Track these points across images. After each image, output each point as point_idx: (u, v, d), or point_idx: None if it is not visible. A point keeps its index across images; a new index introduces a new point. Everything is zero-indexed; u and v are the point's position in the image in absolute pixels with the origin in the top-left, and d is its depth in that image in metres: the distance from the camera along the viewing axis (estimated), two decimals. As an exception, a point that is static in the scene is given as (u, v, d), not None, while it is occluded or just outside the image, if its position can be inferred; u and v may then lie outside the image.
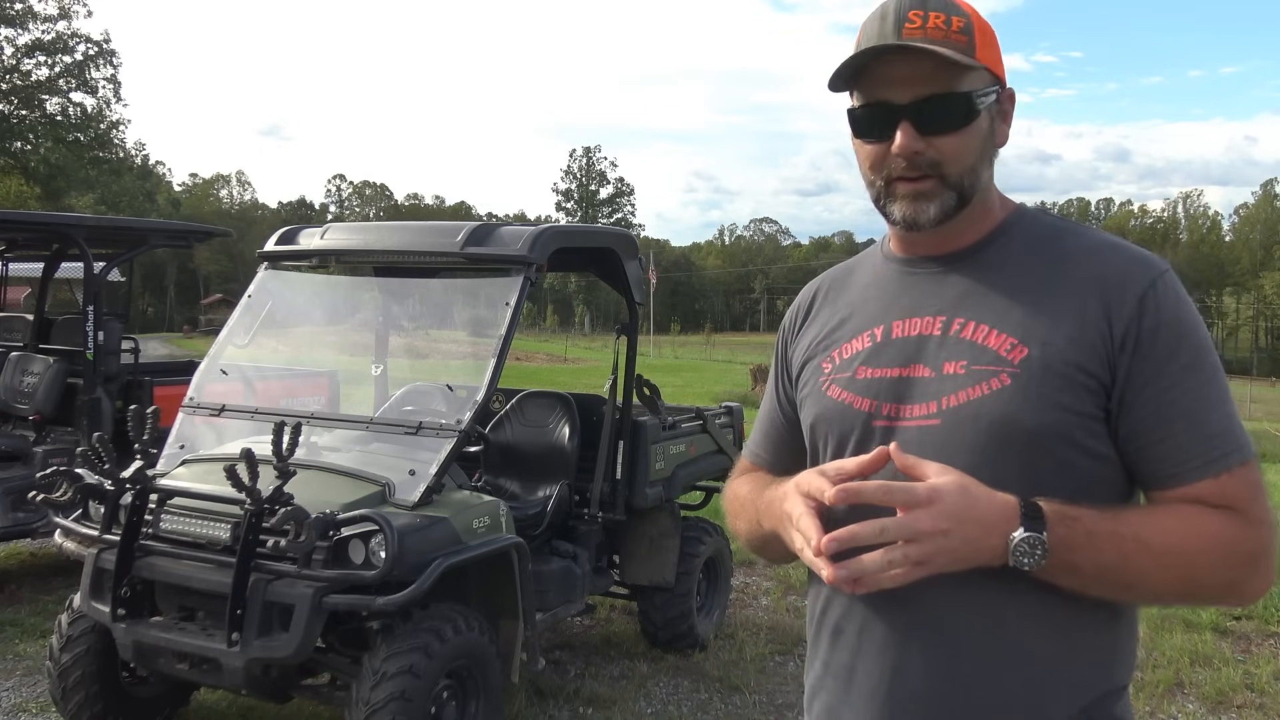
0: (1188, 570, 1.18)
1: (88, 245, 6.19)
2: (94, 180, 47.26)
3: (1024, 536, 1.14)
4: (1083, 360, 1.21)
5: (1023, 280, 1.29)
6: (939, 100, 1.25)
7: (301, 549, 3.26)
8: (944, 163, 1.27)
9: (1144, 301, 1.22)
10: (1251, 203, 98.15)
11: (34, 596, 5.77)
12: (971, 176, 1.29)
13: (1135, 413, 1.21)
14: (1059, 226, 1.35)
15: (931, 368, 1.29)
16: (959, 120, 1.26)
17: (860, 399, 1.34)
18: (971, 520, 1.14)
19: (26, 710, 4.29)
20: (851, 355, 1.38)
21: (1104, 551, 1.16)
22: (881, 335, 1.36)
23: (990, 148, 1.32)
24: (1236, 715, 4.50)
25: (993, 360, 1.25)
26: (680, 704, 4.50)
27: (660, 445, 4.92)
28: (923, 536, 1.12)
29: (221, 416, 4.22)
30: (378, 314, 5.17)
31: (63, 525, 3.79)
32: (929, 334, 1.31)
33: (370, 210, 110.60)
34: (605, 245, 4.77)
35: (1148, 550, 1.17)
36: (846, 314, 1.43)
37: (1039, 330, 1.24)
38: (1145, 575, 1.18)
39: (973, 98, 1.27)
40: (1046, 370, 1.22)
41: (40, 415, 6.20)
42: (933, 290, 1.34)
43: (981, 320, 1.28)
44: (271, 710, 4.21)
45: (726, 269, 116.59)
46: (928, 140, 1.26)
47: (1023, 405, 1.21)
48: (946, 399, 1.26)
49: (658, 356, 41.86)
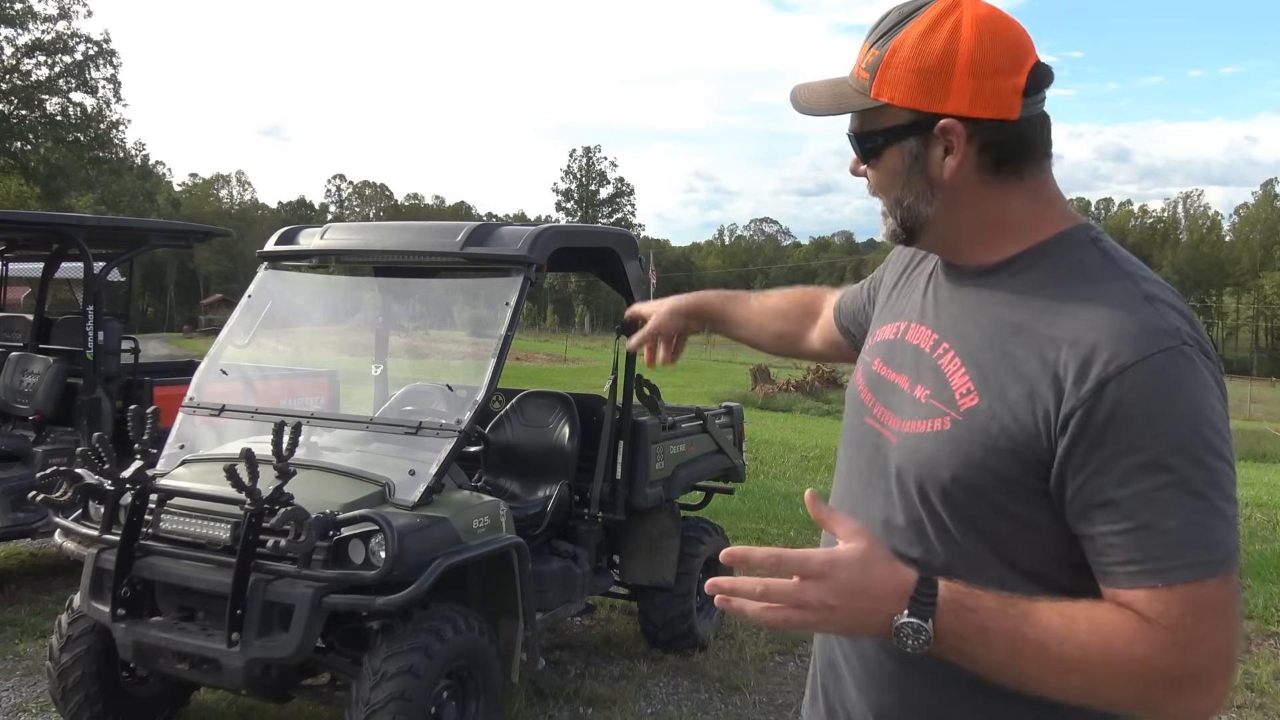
0: (1087, 682, 1.10)
1: (88, 245, 6.19)
2: (94, 180, 47.29)
3: (906, 621, 1.11)
4: (1020, 430, 1.15)
5: (1016, 317, 1.21)
6: (851, 136, 1.31)
7: (301, 549, 3.26)
8: (875, 190, 1.32)
9: (1104, 389, 1.09)
10: (1251, 203, 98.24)
11: (34, 596, 5.77)
12: (901, 209, 1.28)
13: (1075, 501, 1.13)
14: (1091, 265, 1.22)
15: (910, 382, 1.30)
16: (865, 155, 1.30)
17: (867, 391, 1.38)
18: (862, 595, 1.11)
19: (26, 710, 4.29)
20: (879, 341, 1.42)
21: (995, 648, 1.11)
22: (902, 332, 1.37)
23: (922, 183, 1.25)
24: (1237, 715, 4.51)
25: (946, 400, 1.23)
26: (680, 704, 4.50)
27: (660, 445, 4.92)
28: (807, 607, 1.11)
29: (221, 416, 4.22)
30: (378, 314, 5.18)
31: (63, 525, 3.79)
32: (923, 348, 1.31)
33: (370, 210, 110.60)
34: (605, 245, 4.78)
35: (1045, 656, 1.10)
36: (897, 295, 1.46)
37: (997, 382, 1.18)
38: (1040, 679, 1.12)
39: (869, 137, 1.27)
40: (985, 427, 1.17)
41: (40, 415, 6.20)
42: (945, 302, 1.33)
43: (959, 352, 1.25)
44: (271, 710, 4.21)
45: (726, 269, 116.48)
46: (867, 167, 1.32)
47: (949, 455, 1.19)
48: (905, 422, 1.28)
49: (658, 356, 41.72)
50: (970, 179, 1.23)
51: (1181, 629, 1.07)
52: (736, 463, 5.59)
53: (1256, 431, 18.20)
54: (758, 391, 21.41)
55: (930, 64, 1.20)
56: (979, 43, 1.18)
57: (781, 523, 8.05)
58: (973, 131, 1.21)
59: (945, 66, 1.19)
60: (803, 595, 1.10)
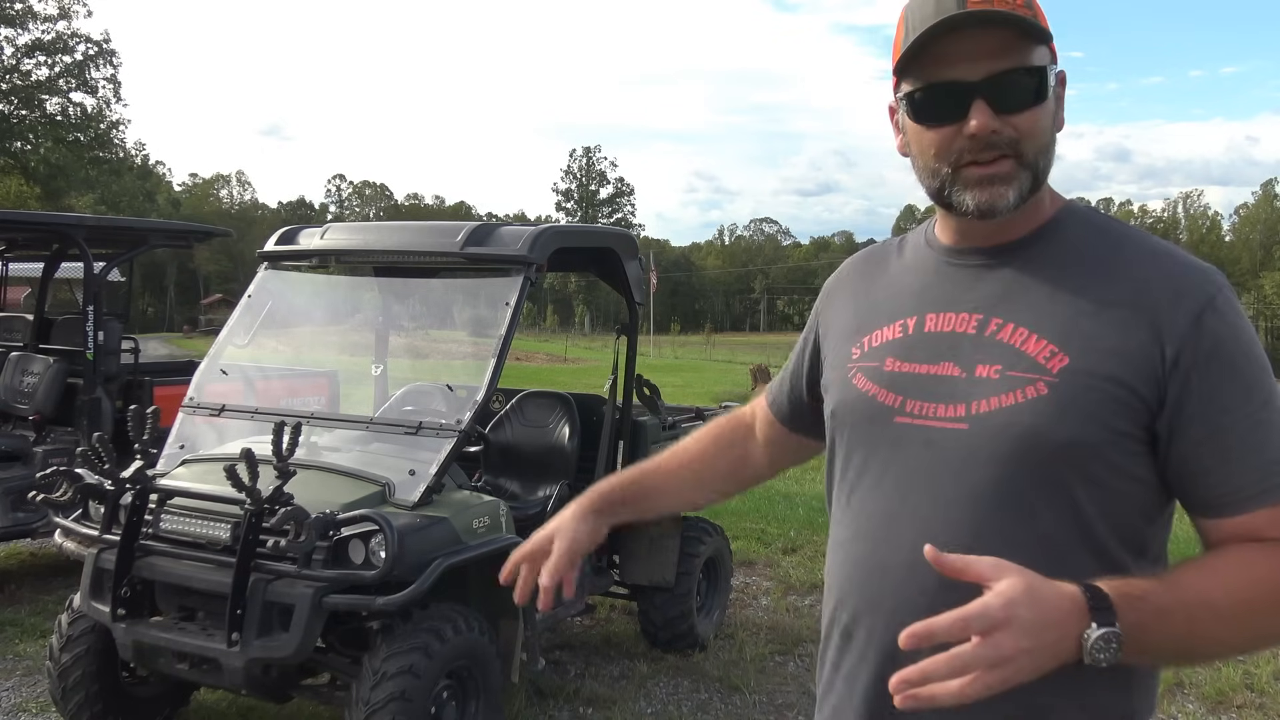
0: (1258, 625, 1.11)
1: (88, 245, 6.19)
2: (94, 180, 47.26)
3: (1100, 634, 1.03)
4: (1127, 375, 1.14)
5: (1069, 281, 1.20)
6: (1016, 75, 1.17)
7: (301, 549, 3.26)
8: (1022, 141, 1.19)
9: (1201, 321, 1.13)
10: (1251, 203, 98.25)
11: (34, 596, 5.77)
12: (1046, 158, 1.22)
13: (1187, 438, 1.13)
14: (1110, 227, 1.27)
15: (963, 368, 1.22)
16: (1034, 95, 1.19)
17: (886, 393, 1.28)
18: (1049, 628, 1.02)
19: (26, 710, 4.29)
20: (881, 344, 1.32)
21: (1174, 625, 1.08)
22: (914, 327, 1.29)
23: (1056, 128, 1.24)
24: (1236, 715, 4.50)
25: (1029, 367, 1.17)
26: (680, 704, 4.50)
27: (660, 445, 4.91)
28: (1006, 661, 0.99)
29: (221, 416, 4.22)
30: (378, 314, 5.17)
31: (63, 525, 3.79)
32: (963, 331, 1.24)
33: (370, 210, 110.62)
34: (605, 245, 4.77)
35: (1216, 615, 1.09)
36: (881, 298, 1.37)
37: (1079, 337, 1.16)
38: (1213, 639, 1.11)
39: (1044, 72, 1.20)
40: (1085, 382, 1.14)
41: (40, 415, 6.20)
42: (972, 284, 1.27)
43: (1021, 322, 1.20)
44: (271, 710, 4.21)
45: (726, 269, 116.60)
46: (1004, 119, 1.18)
47: (1058, 418, 1.14)
48: (977, 404, 1.19)
49: (658, 356, 41.85)
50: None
51: None
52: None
53: (1256, 431, 18.08)
54: (758, 391, 21.41)
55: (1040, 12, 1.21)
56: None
57: (781, 522, 8.06)
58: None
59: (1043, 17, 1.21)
60: (999, 651, 0.99)
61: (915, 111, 1.24)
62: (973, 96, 1.17)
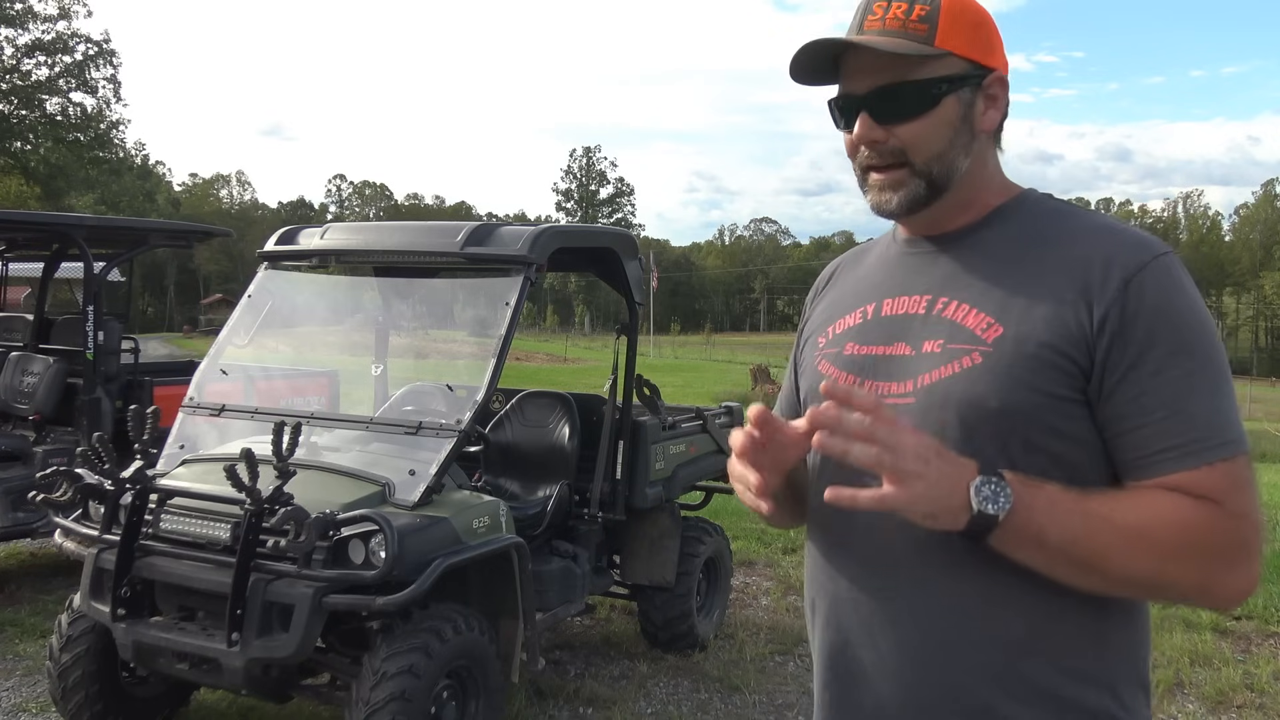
0: (1154, 554, 1.14)
1: (88, 245, 6.19)
2: (94, 180, 47.29)
3: (985, 479, 1.13)
4: (1057, 341, 1.19)
5: (1011, 261, 1.28)
6: (892, 90, 1.27)
7: (301, 549, 3.26)
8: (907, 150, 1.28)
9: (1129, 286, 1.19)
10: (1252, 203, 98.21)
11: (34, 596, 5.77)
12: (941, 164, 1.29)
13: (1116, 399, 1.18)
14: (1059, 210, 1.34)
15: (912, 346, 1.30)
16: (914, 108, 1.27)
17: (845, 375, 1.35)
18: (942, 458, 1.12)
19: (26, 710, 4.29)
20: (843, 331, 1.40)
21: (1067, 520, 1.14)
22: (872, 312, 1.38)
23: (967, 134, 1.30)
24: (1236, 715, 4.50)
25: (967, 339, 1.24)
26: (680, 704, 4.50)
27: (660, 445, 4.92)
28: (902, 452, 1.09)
29: (221, 416, 4.22)
30: (378, 314, 5.18)
31: (63, 525, 3.78)
32: (914, 313, 1.32)
33: (370, 210, 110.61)
34: (605, 245, 4.77)
35: (1112, 527, 1.14)
36: (849, 291, 1.46)
37: (1016, 309, 1.23)
38: (1109, 554, 1.14)
39: (930, 85, 1.26)
40: (1019, 350, 1.20)
41: (40, 415, 6.20)
42: (923, 269, 1.35)
43: (964, 300, 1.28)
44: (271, 710, 4.21)
45: (726, 269, 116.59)
46: (888, 129, 1.28)
47: (991, 384, 1.20)
48: (921, 377, 1.27)
49: (658, 356, 41.86)
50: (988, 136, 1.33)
51: (1230, 501, 1.15)
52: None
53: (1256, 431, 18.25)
54: (758, 391, 21.42)
55: (981, 20, 1.31)
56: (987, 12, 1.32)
57: (781, 523, 8.05)
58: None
59: (989, 25, 1.31)
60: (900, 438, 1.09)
61: (833, 118, 1.36)
62: (858, 108, 1.29)
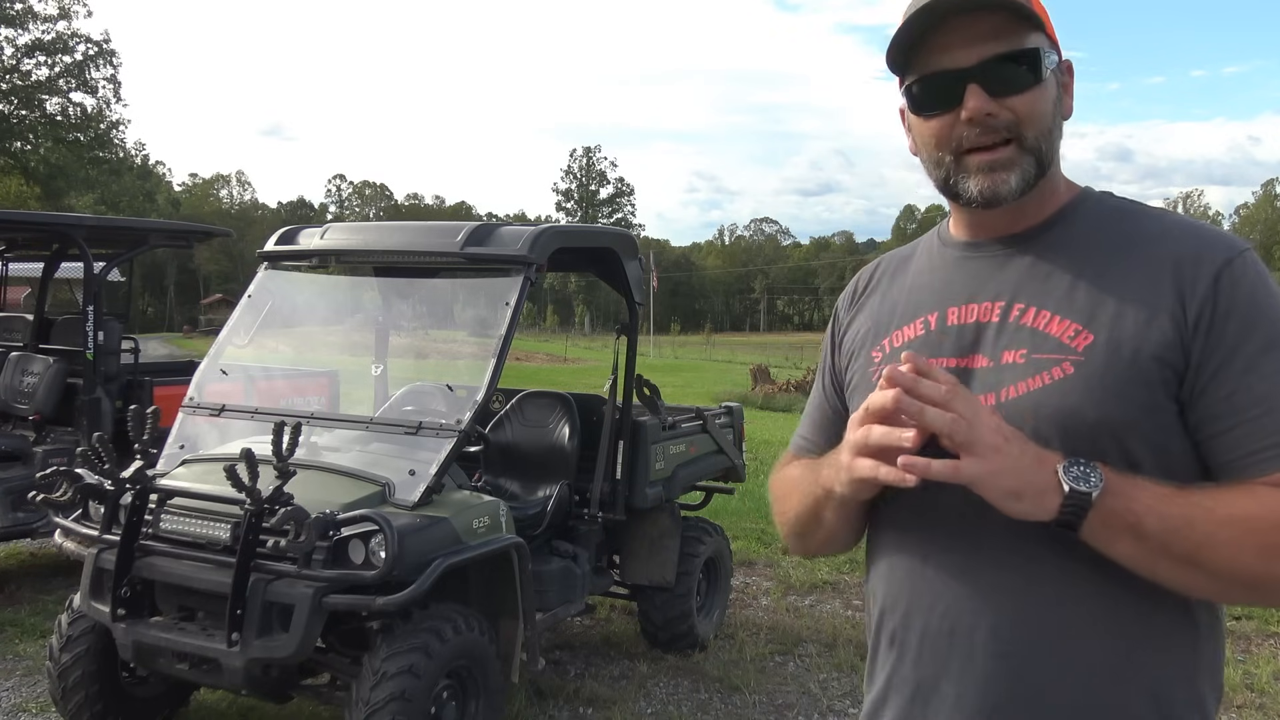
0: (1262, 549, 1.07)
1: (88, 245, 6.19)
2: (94, 180, 47.27)
3: (1072, 460, 1.09)
4: (1154, 347, 1.13)
5: (1088, 262, 1.21)
6: (1008, 58, 1.18)
7: (301, 549, 3.25)
8: (1021, 124, 1.19)
9: (1219, 281, 1.13)
10: (1252, 203, 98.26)
11: (34, 596, 5.77)
12: (1048, 141, 1.22)
13: (1209, 398, 1.13)
14: (1128, 208, 1.27)
15: (990, 357, 1.22)
16: (1028, 78, 1.19)
17: None
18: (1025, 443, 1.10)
19: (26, 710, 4.29)
20: (902, 344, 1.31)
21: (1166, 507, 1.08)
22: (936, 323, 1.29)
23: (1059, 117, 1.24)
24: (1236, 715, 4.50)
25: (1054, 348, 1.17)
26: (680, 704, 4.50)
27: (660, 445, 4.92)
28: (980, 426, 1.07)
29: (221, 416, 4.22)
30: (378, 314, 5.17)
31: (63, 525, 3.78)
32: (987, 321, 1.24)
33: (370, 210, 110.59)
34: (605, 245, 4.77)
35: (1215, 518, 1.07)
36: (900, 300, 1.37)
37: (1105, 315, 1.16)
38: (1213, 548, 1.07)
39: (1040, 54, 1.20)
40: (1113, 358, 1.14)
41: (40, 415, 6.20)
42: (991, 274, 1.27)
43: (1043, 305, 1.20)
44: (271, 710, 4.21)
45: (726, 269, 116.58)
46: (1000, 102, 1.18)
47: (1085, 396, 1.14)
48: (1005, 390, 1.19)
49: (658, 356, 41.86)
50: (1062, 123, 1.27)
51: None
52: (736, 463, 5.59)
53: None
54: (758, 391, 21.41)
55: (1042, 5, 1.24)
56: None
57: (782, 523, 8.04)
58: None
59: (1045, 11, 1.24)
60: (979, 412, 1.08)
61: (914, 103, 1.25)
62: (966, 81, 1.18)
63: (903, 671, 1.28)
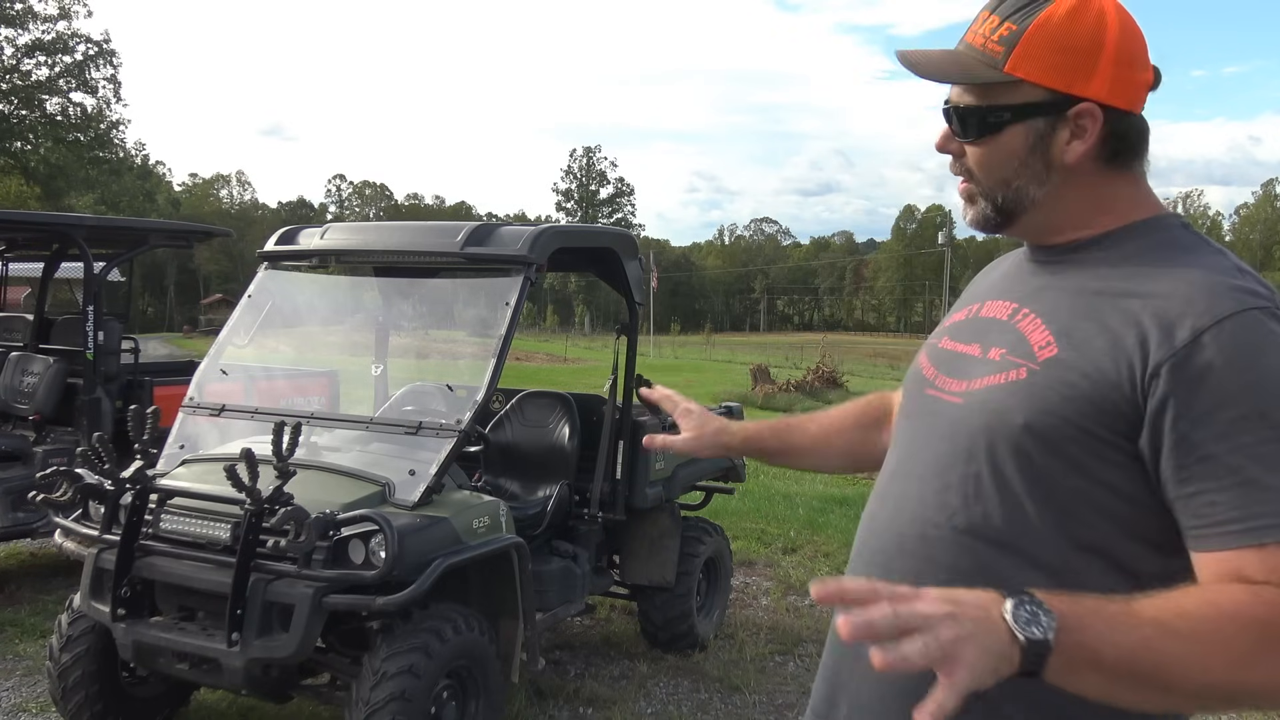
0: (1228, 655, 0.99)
1: (88, 245, 6.18)
2: (94, 180, 47.30)
3: (1015, 601, 0.96)
4: (1100, 376, 1.13)
5: (1100, 284, 1.22)
6: (959, 110, 1.27)
7: (301, 549, 3.26)
8: (973, 170, 1.29)
9: (1202, 337, 1.08)
10: (1252, 203, 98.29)
11: (34, 596, 5.77)
12: (1006, 190, 1.26)
13: (1165, 456, 1.08)
14: (1172, 241, 1.23)
15: (982, 348, 1.29)
16: (975, 131, 1.26)
17: (930, 367, 1.38)
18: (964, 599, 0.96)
19: (26, 710, 4.29)
20: (949, 325, 1.42)
21: (1120, 632, 0.98)
22: (974, 312, 1.37)
23: (1039, 165, 1.24)
24: (1236, 715, 4.50)
25: (1024, 354, 1.22)
26: (680, 704, 4.50)
27: (660, 445, 4.90)
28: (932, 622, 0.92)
29: (221, 416, 4.22)
30: (378, 314, 5.17)
31: (63, 525, 3.78)
32: (998, 318, 1.31)
33: (370, 210, 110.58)
34: (605, 245, 4.77)
35: (1172, 633, 0.98)
36: (976, 290, 1.46)
37: (1078, 335, 1.18)
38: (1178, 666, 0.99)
39: (989, 112, 1.23)
40: (1060, 375, 1.16)
41: (40, 415, 6.20)
42: (1024, 278, 1.34)
43: (1039, 314, 1.25)
44: (271, 710, 4.21)
45: (726, 269, 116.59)
46: (960, 144, 1.29)
47: (1023, 401, 1.18)
48: (975, 381, 1.27)
49: (658, 356, 41.83)
50: (1087, 165, 1.25)
51: None
52: (736, 463, 5.59)
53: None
54: (758, 391, 21.39)
55: (1079, 45, 1.20)
56: (1124, 32, 1.21)
57: (781, 522, 8.05)
58: (1105, 119, 1.22)
59: (1094, 50, 1.20)
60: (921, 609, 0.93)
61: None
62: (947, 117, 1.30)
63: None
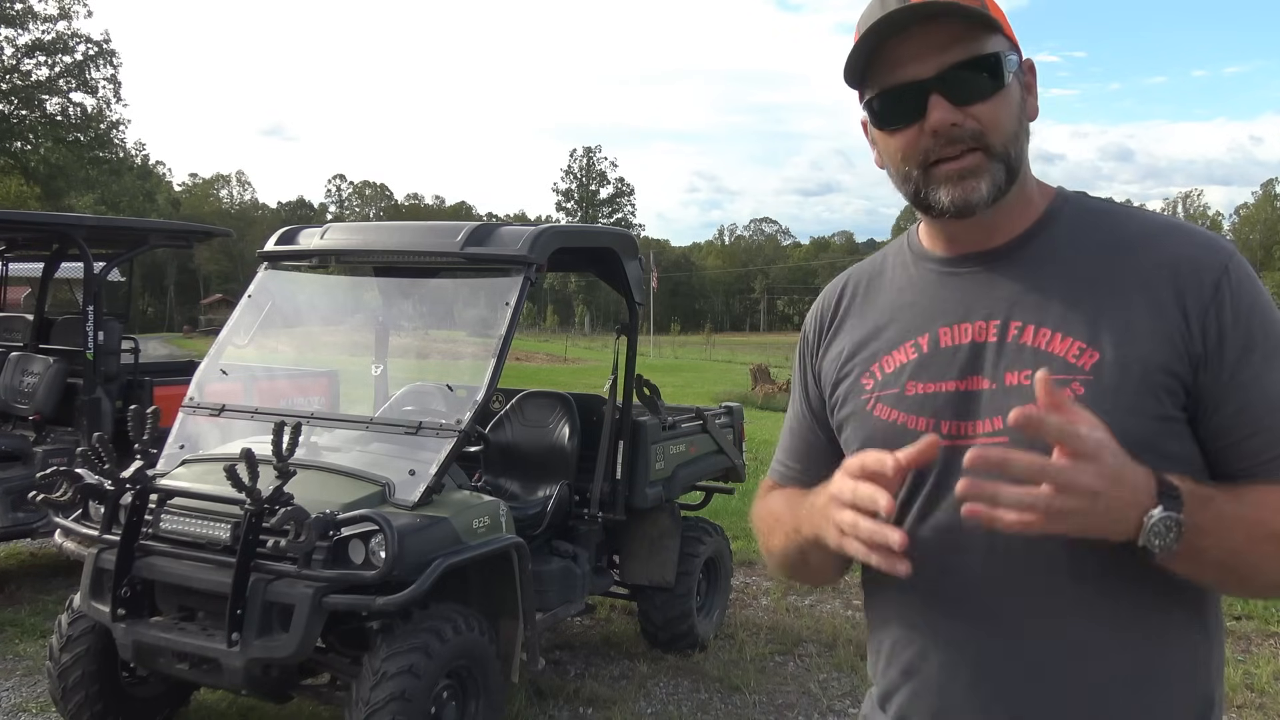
0: None
1: (88, 245, 6.19)
2: (94, 180, 47.25)
3: (1162, 516, 1.03)
4: (1161, 358, 1.12)
5: (1081, 273, 1.18)
6: (968, 65, 1.16)
7: (301, 549, 3.25)
8: (986, 132, 1.16)
9: (1219, 290, 1.13)
10: (1252, 203, 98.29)
11: (34, 596, 5.77)
12: (1015, 146, 1.19)
13: (1222, 410, 1.13)
14: (1108, 210, 1.25)
15: (992, 379, 1.19)
16: (990, 85, 1.16)
17: (915, 418, 1.22)
18: (1124, 484, 1.02)
19: (26, 710, 4.29)
20: (896, 369, 1.26)
21: (1231, 536, 1.07)
22: (928, 344, 1.24)
23: (1025, 120, 1.22)
24: (1236, 715, 4.50)
25: (1061, 368, 1.13)
26: (680, 704, 4.50)
27: (660, 445, 4.92)
28: (1077, 491, 0.99)
29: (221, 416, 4.22)
30: (378, 314, 5.17)
31: (63, 525, 3.78)
32: (984, 340, 1.20)
33: (370, 210, 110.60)
34: (605, 245, 4.77)
35: (1270, 534, 1.08)
36: (882, 321, 1.31)
37: (1109, 330, 1.14)
38: (1266, 560, 1.09)
39: (1001, 59, 1.17)
40: (1124, 375, 1.12)
41: (40, 415, 6.20)
42: (982, 291, 1.23)
43: (1043, 323, 1.17)
44: (271, 710, 4.21)
45: (726, 269, 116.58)
46: (963, 110, 1.16)
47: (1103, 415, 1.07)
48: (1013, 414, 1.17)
49: (658, 356, 41.84)
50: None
51: None
52: (736, 463, 5.59)
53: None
54: (758, 391, 21.40)
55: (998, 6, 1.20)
56: None
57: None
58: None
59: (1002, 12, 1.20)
60: (1079, 478, 0.99)
61: (877, 118, 1.22)
62: (928, 92, 1.16)
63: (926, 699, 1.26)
